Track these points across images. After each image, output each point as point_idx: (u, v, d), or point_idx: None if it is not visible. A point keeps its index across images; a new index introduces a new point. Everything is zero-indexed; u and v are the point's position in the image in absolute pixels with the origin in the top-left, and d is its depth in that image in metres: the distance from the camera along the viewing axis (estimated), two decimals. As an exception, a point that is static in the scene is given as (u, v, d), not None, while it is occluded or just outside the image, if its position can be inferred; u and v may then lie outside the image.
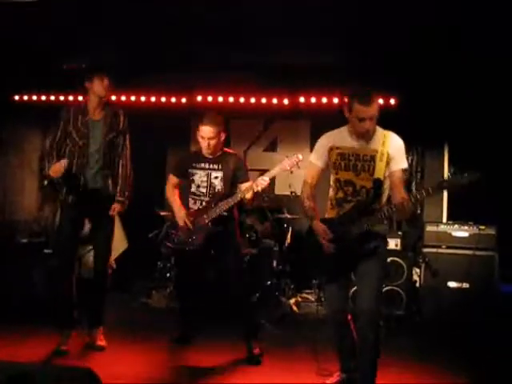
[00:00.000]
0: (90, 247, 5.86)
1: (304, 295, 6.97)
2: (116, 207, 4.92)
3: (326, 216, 4.05)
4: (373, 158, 3.86)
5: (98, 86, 4.81)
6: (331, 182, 4.05)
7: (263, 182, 4.71)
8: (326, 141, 4.04)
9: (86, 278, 5.48)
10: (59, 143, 4.84)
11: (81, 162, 4.80)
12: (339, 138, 3.99)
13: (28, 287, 6.27)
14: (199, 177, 5.01)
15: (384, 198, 3.95)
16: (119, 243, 7.13)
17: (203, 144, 4.91)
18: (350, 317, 4.10)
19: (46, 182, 4.70)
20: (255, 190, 4.75)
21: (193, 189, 5.05)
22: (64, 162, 4.67)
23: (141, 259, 7.09)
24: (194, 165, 5.04)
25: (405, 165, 3.93)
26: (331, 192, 4.05)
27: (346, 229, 3.84)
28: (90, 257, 6.01)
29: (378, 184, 3.86)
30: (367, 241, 3.83)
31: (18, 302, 5.99)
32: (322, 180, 4.16)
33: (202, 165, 5.02)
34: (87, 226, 5.11)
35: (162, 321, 6.02)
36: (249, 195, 4.81)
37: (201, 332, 5.39)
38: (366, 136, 3.88)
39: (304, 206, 4.06)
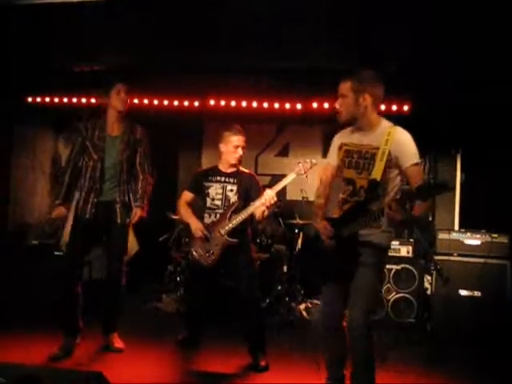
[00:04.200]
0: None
1: (314, 301, 6.91)
2: (137, 212, 4.96)
3: (329, 216, 3.95)
4: (373, 157, 3.72)
5: (115, 101, 4.87)
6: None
7: (272, 199, 4.74)
8: (337, 139, 4.01)
9: (96, 279, 5.46)
10: (76, 158, 4.90)
11: (95, 175, 4.84)
12: (348, 134, 3.95)
13: (36, 289, 6.26)
14: (214, 189, 5.04)
15: (386, 200, 3.65)
16: (130, 246, 7.13)
17: (236, 154, 4.98)
18: (345, 323, 3.90)
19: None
20: (266, 205, 4.78)
21: (208, 203, 5.06)
22: (63, 211, 4.88)
23: (151, 263, 7.07)
24: (209, 178, 5.09)
25: (415, 159, 3.68)
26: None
27: (341, 230, 3.74)
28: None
29: (374, 186, 3.68)
30: (360, 245, 3.68)
31: (25, 305, 5.99)
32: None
33: (218, 178, 5.07)
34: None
35: (172, 324, 6.00)
36: (259, 213, 4.84)
37: (208, 335, 5.39)
38: (360, 124, 3.82)
39: (314, 204, 4.06)
